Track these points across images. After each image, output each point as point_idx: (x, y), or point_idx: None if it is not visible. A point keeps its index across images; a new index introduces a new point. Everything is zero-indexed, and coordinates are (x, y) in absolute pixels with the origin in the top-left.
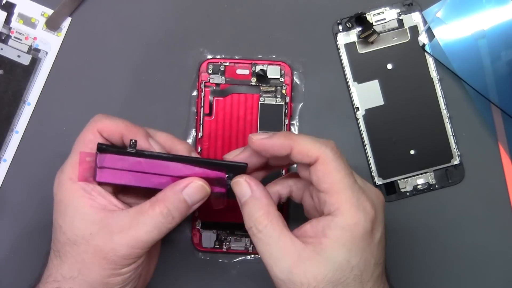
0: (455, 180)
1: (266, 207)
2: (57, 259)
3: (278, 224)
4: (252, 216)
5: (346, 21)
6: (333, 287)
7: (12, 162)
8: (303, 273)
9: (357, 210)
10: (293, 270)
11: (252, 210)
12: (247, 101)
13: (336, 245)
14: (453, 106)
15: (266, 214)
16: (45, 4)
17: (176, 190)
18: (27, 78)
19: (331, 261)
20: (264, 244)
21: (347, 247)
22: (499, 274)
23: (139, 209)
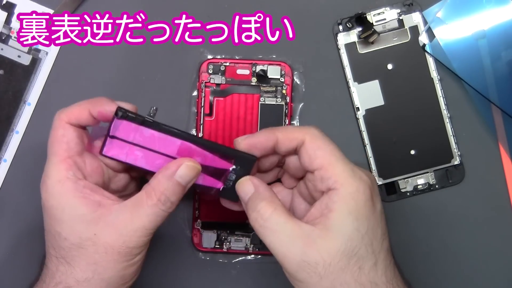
0: (455, 180)
1: (269, 198)
2: (64, 265)
3: (283, 211)
4: (256, 207)
5: (347, 21)
6: (348, 260)
7: (12, 162)
8: (316, 251)
9: (354, 179)
10: (306, 251)
11: (255, 202)
12: (247, 101)
13: (342, 215)
14: (453, 106)
15: (269, 202)
16: (45, 4)
17: (169, 174)
18: (27, 78)
19: (341, 233)
20: (272, 232)
21: (353, 215)
22: (499, 274)
23: (136, 201)
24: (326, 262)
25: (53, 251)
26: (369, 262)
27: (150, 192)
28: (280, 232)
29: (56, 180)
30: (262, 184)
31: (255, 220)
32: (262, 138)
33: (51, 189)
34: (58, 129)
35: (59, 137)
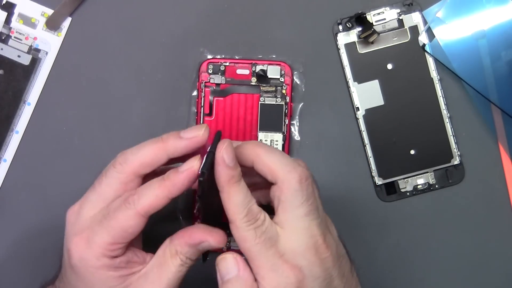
0: (455, 180)
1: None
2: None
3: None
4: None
5: (346, 21)
6: None
7: (12, 162)
8: None
9: (274, 275)
10: None
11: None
12: (247, 101)
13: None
14: (453, 106)
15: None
16: (45, 4)
17: (193, 244)
18: (27, 78)
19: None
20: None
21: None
22: (499, 274)
23: (162, 262)
24: None
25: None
26: None
27: (175, 257)
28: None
29: (95, 257)
30: (247, 268)
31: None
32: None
33: (87, 262)
34: (130, 220)
35: (126, 227)
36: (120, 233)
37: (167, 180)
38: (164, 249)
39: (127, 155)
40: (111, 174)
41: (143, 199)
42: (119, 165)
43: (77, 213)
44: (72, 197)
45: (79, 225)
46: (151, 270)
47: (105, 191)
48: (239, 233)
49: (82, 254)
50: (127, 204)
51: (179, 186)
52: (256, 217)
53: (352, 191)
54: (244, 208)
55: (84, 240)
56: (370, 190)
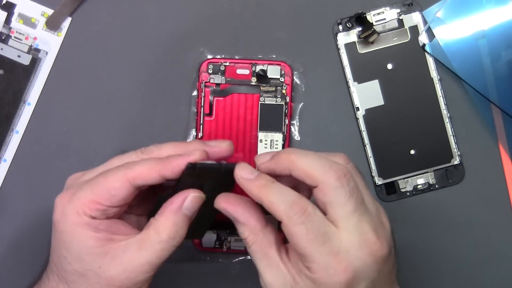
0: (455, 180)
1: (249, 230)
2: (64, 285)
3: (262, 246)
4: (241, 236)
5: (346, 21)
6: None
7: (12, 162)
8: None
9: (326, 273)
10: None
11: (239, 232)
12: (247, 101)
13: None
14: (453, 106)
15: (251, 236)
16: (45, 4)
17: (176, 209)
18: (27, 78)
19: None
20: (252, 254)
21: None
22: (499, 274)
23: (145, 236)
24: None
25: (55, 268)
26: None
27: (158, 228)
28: (260, 260)
29: (75, 210)
30: (238, 208)
31: (244, 241)
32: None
33: (66, 215)
34: (115, 181)
35: (110, 188)
36: (102, 193)
37: (165, 159)
38: (148, 226)
39: (150, 148)
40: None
41: (135, 167)
42: (140, 152)
43: (76, 178)
44: None
45: (73, 184)
46: (132, 243)
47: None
48: (289, 229)
49: (64, 208)
50: (118, 167)
51: (173, 166)
52: (303, 208)
53: None
54: (286, 203)
55: (69, 195)
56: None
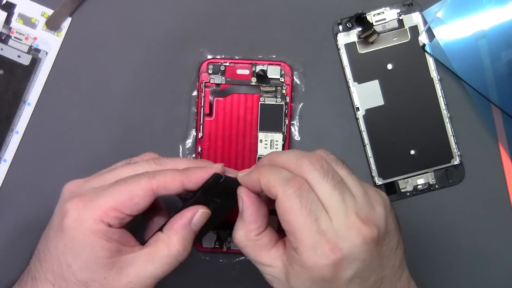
0: (455, 180)
1: (245, 232)
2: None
3: (254, 249)
4: (234, 234)
5: (346, 21)
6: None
7: (12, 162)
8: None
9: (313, 253)
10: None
11: (235, 227)
12: (247, 101)
13: (298, 280)
14: (453, 106)
15: (243, 238)
16: (45, 4)
17: (186, 224)
18: (27, 78)
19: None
20: (247, 255)
21: (306, 285)
22: (499, 274)
23: (154, 250)
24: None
25: (51, 277)
26: None
27: (168, 243)
28: (256, 259)
29: (93, 216)
30: (251, 206)
31: (235, 241)
32: (252, 181)
33: (83, 221)
34: (139, 189)
35: (133, 196)
36: (125, 200)
37: (186, 170)
38: (157, 240)
39: (162, 159)
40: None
41: (159, 176)
42: (152, 162)
43: (80, 184)
44: None
45: (81, 190)
46: (140, 256)
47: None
48: (283, 204)
49: (80, 213)
50: (139, 176)
51: (197, 178)
52: (299, 184)
53: None
54: (283, 179)
55: (85, 201)
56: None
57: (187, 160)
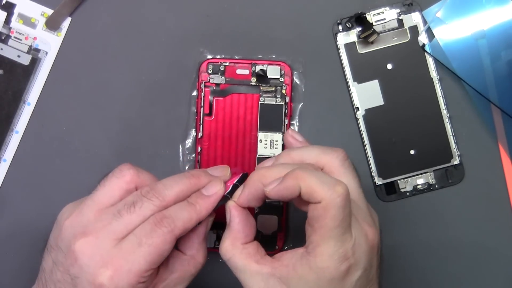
0: (455, 180)
1: (231, 241)
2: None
3: (240, 258)
4: (221, 244)
5: (346, 21)
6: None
7: (12, 162)
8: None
9: (330, 258)
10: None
11: (222, 237)
12: (247, 101)
13: (301, 282)
14: (453, 106)
15: (229, 247)
16: (45, 4)
17: (203, 239)
18: (27, 78)
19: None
20: (233, 269)
21: (310, 287)
22: (499, 274)
23: (185, 274)
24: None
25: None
26: None
27: (194, 263)
28: (238, 273)
29: (131, 285)
30: (236, 217)
31: (220, 252)
32: (289, 189)
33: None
34: (166, 243)
35: (163, 252)
36: (157, 259)
37: (197, 204)
38: (182, 262)
39: (160, 190)
40: (144, 205)
41: (179, 223)
42: (154, 197)
43: (91, 241)
44: (72, 197)
45: (102, 251)
46: (171, 281)
47: None
48: (327, 211)
49: (117, 285)
50: (163, 228)
51: (209, 209)
52: (345, 192)
53: None
54: (328, 185)
55: (118, 272)
56: (370, 190)
57: (182, 181)
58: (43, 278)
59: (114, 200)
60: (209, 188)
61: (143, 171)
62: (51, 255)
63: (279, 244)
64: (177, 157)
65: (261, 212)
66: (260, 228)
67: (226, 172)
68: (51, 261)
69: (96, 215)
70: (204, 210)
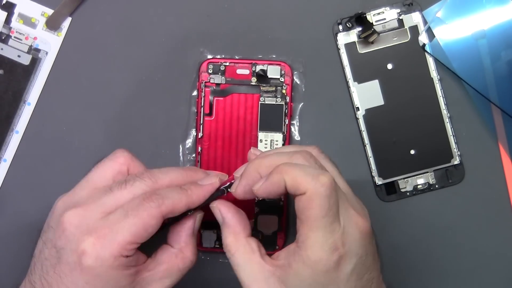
0: (455, 180)
1: (233, 235)
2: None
3: (245, 252)
4: (223, 242)
5: (346, 21)
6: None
7: (12, 162)
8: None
9: (321, 249)
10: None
11: (224, 233)
12: (247, 101)
13: (298, 278)
14: (453, 106)
15: (234, 242)
16: (45, 4)
17: (192, 233)
18: (27, 78)
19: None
20: (235, 267)
21: (307, 282)
22: (499, 274)
23: (170, 266)
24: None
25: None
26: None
27: (181, 256)
28: (241, 271)
29: (113, 255)
30: (229, 213)
31: (225, 249)
32: (275, 184)
33: (104, 261)
34: (152, 218)
35: (147, 227)
36: (141, 232)
37: (189, 190)
38: (169, 254)
39: (154, 173)
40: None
41: (167, 201)
42: (147, 178)
43: (81, 213)
44: None
45: (88, 222)
46: (156, 273)
47: None
48: (312, 201)
49: (99, 253)
50: (150, 202)
51: (201, 197)
52: (330, 182)
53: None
54: (312, 176)
55: (101, 240)
56: (370, 190)
57: (178, 170)
58: (32, 263)
59: (107, 180)
60: (205, 179)
61: (137, 159)
62: (42, 239)
63: (279, 244)
64: (177, 157)
65: (261, 212)
66: (260, 228)
67: (224, 176)
68: (42, 243)
69: (88, 193)
70: (196, 196)
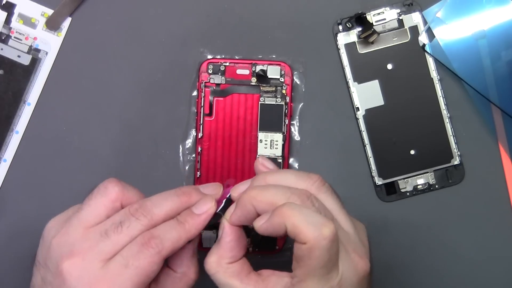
0: (455, 180)
1: (217, 258)
2: None
3: (225, 276)
4: (206, 259)
5: (346, 21)
6: None
7: (12, 162)
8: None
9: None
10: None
11: (209, 252)
12: (247, 101)
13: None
14: (453, 106)
15: (215, 263)
16: (45, 4)
17: (193, 254)
18: (27, 78)
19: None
20: (217, 284)
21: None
22: (499, 274)
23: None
24: None
25: None
26: None
27: (186, 280)
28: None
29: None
30: (228, 235)
31: (205, 266)
32: (275, 227)
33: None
34: (153, 264)
35: (150, 273)
36: (144, 280)
37: (186, 223)
38: (173, 279)
39: (148, 208)
40: (132, 225)
41: (167, 243)
42: (142, 216)
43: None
44: (72, 197)
45: (90, 276)
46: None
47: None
48: (315, 252)
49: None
50: (149, 249)
51: (199, 228)
52: (333, 231)
53: (352, 191)
54: (314, 224)
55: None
56: (370, 190)
57: (172, 198)
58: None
59: (100, 219)
60: (200, 206)
61: (129, 186)
62: (40, 272)
63: (279, 244)
64: (177, 157)
65: None
66: None
67: (219, 190)
68: (40, 278)
69: (83, 234)
70: (194, 229)
